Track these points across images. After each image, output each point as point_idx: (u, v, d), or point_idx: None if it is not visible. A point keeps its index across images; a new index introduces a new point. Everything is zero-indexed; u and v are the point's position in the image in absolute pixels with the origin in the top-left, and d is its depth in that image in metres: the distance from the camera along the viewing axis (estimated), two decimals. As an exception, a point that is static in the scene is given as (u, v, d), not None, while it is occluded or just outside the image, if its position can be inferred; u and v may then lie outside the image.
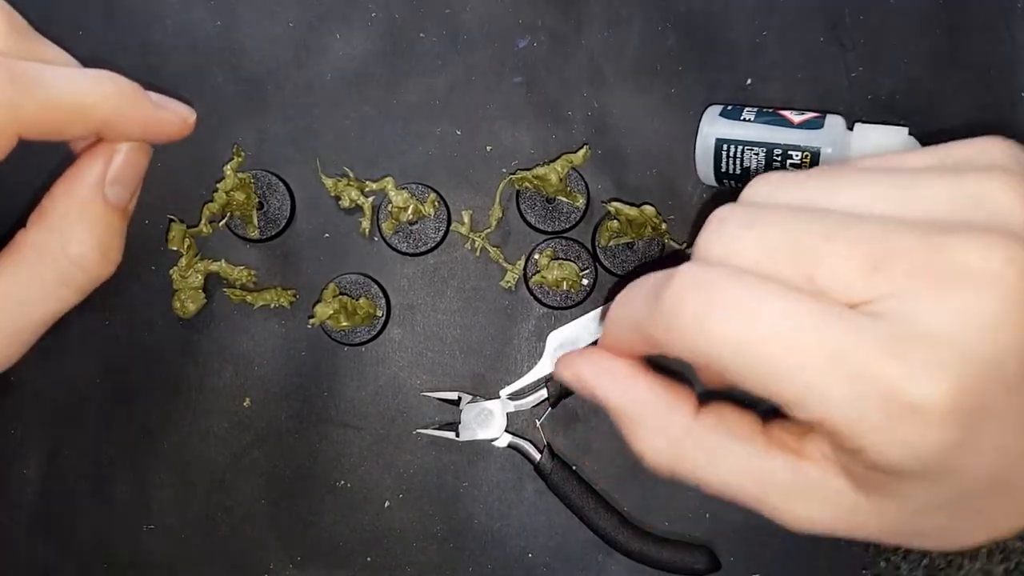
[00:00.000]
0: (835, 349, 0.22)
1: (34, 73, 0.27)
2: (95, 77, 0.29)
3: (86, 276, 0.30)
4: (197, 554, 0.41)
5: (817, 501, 0.25)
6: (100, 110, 0.29)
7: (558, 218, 0.41)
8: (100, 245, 0.30)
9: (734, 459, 0.26)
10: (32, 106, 0.27)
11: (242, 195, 0.40)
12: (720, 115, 0.39)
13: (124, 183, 0.32)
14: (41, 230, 0.30)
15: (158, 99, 0.32)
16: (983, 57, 0.41)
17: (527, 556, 0.41)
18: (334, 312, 0.40)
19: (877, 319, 0.22)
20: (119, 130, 0.30)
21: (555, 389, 0.40)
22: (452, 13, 0.42)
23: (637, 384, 0.28)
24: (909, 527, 0.25)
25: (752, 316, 0.23)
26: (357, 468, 0.41)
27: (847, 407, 0.22)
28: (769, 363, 0.22)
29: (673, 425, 0.27)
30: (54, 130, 0.28)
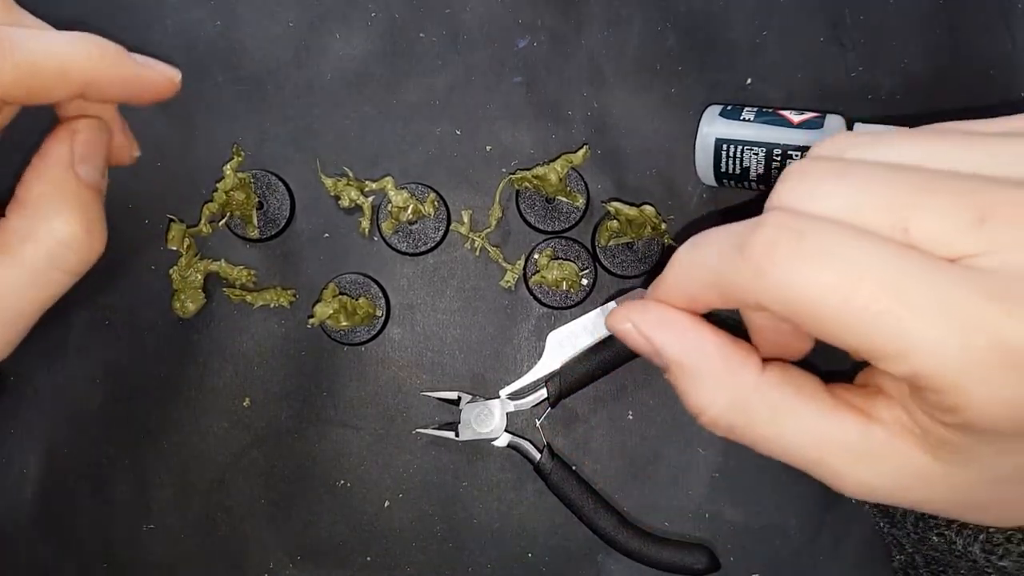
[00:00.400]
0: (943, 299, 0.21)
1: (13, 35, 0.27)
2: (76, 38, 0.29)
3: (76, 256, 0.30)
4: (197, 554, 0.41)
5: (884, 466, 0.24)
6: (81, 70, 0.29)
7: (558, 218, 0.41)
8: (84, 223, 0.30)
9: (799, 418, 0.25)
10: (10, 67, 0.26)
11: (242, 195, 0.40)
12: (720, 115, 0.39)
13: (91, 161, 0.31)
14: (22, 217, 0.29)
15: (141, 59, 0.31)
16: (983, 57, 0.41)
17: (527, 556, 0.41)
18: (334, 312, 0.40)
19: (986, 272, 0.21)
20: (103, 90, 0.30)
21: (555, 389, 0.40)
22: (452, 13, 0.42)
23: (702, 335, 0.27)
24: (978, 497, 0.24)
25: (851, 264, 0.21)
26: (357, 468, 0.41)
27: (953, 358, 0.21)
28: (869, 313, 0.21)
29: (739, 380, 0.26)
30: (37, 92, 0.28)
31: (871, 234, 0.22)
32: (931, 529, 0.28)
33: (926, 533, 0.28)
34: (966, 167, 0.23)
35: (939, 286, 0.21)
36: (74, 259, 0.30)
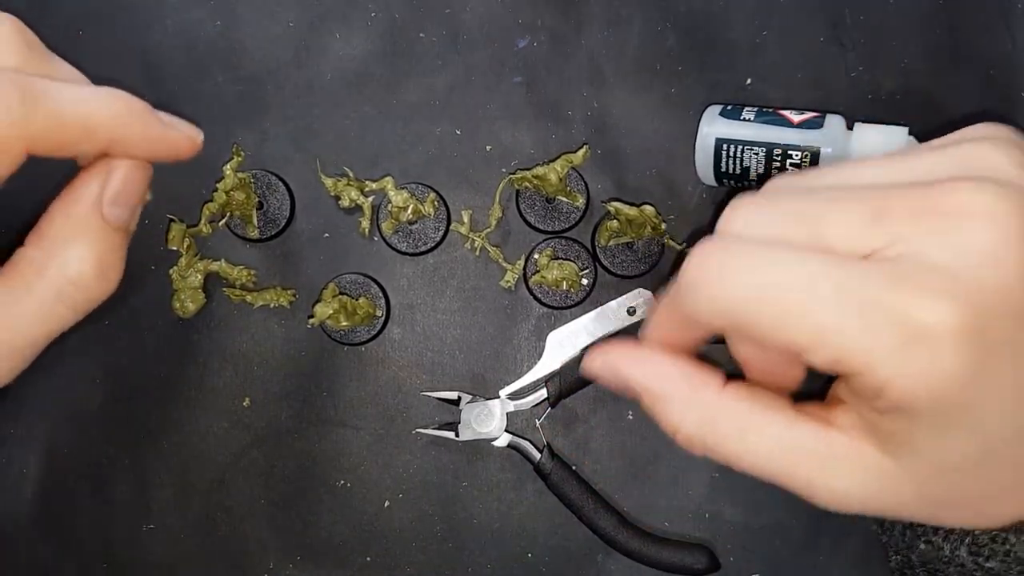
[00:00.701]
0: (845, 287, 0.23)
1: (44, 88, 0.27)
2: (104, 94, 0.29)
3: (83, 296, 0.30)
4: (197, 554, 0.41)
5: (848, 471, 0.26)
6: (108, 127, 0.29)
7: (558, 218, 0.41)
8: (98, 264, 0.30)
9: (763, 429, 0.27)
10: (41, 121, 0.27)
11: (242, 195, 0.40)
12: (720, 115, 0.39)
13: (122, 202, 0.31)
14: (39, 248, 0.30)
15: (167, 118, 0.32)
16: (983, 57, 0.41)
17: (527, 556, 0.41)
18: (334, 312, 0.40)
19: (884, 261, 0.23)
20: (127, 148, 0.30)
21: (555, 389, 0.40)
22: (452, 13, 0.42)
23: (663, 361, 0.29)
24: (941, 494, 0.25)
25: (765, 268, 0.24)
26: (357, 468, 0.41)
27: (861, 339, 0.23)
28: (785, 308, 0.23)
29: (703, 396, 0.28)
30: (62, 146, 0.28)
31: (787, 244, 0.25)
32: (919, 537, 0.29)
33: (914, 541, 0.29)
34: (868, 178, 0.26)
35: (843, 277, 0.23)
36: (81, 298, 0.30)
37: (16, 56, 0.28)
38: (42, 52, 0.30)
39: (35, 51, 0.29)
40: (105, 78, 0.43)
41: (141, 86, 0.35)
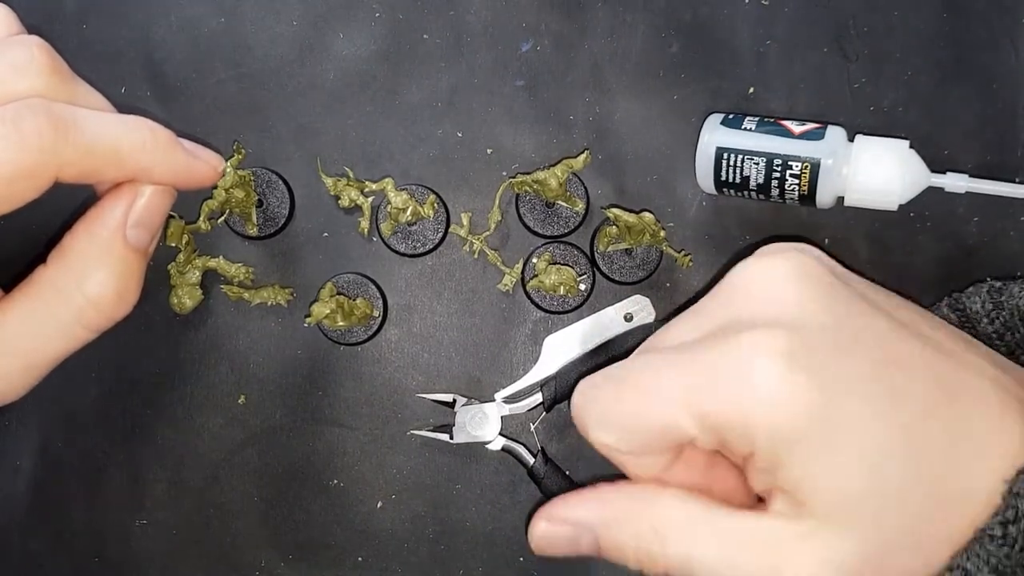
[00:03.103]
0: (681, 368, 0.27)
1: (74, 118, 0.28)
2: (132, 124, 0.30)
3: (101, 316, 0.31)
4: (189, 550, 0.41)
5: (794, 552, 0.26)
6: (135, 157, 0.30)
7: (557, 223, 0.41)
8: (117, 286, 0.30)
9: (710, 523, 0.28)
10: (71, 150, 0.27)
11: (242, 192, 0.40)
12: (721, 123, 0.39)
13: (145, 226, 0.32)
14: (60, 268, 0.30)
15: (190, 146, 0.33)
16: (986, 71, 0.41)
17: (518, 560, 0.41)
18: (331, 312, 0.40)
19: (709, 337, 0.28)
20: (152, 176, 0.31)
21: (550, 393, 0.40)
22: (456, 15, 0.42)
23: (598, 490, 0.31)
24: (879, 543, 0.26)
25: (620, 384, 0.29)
26: (350, 468, 0.41)
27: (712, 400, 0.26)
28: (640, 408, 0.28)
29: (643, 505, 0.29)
30: (89, 174, 0.29)
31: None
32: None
33: None
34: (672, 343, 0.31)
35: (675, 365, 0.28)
36: (99, 319, 0.31)
37: (47, 82, 0.29)
38: (69, 76, 0.30)
39: (65, 78, 0.30)
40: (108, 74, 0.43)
41: (143, 81, 0.35)
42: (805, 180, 0.37)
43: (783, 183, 0.37)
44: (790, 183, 0.37)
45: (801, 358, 0.25)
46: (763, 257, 0.29)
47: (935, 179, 0.38)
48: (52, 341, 0.30)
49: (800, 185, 0.37)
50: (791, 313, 0.26)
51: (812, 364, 0.25)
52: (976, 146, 0.40)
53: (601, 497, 0.30)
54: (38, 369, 0.31)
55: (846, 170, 0.37)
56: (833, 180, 0.37)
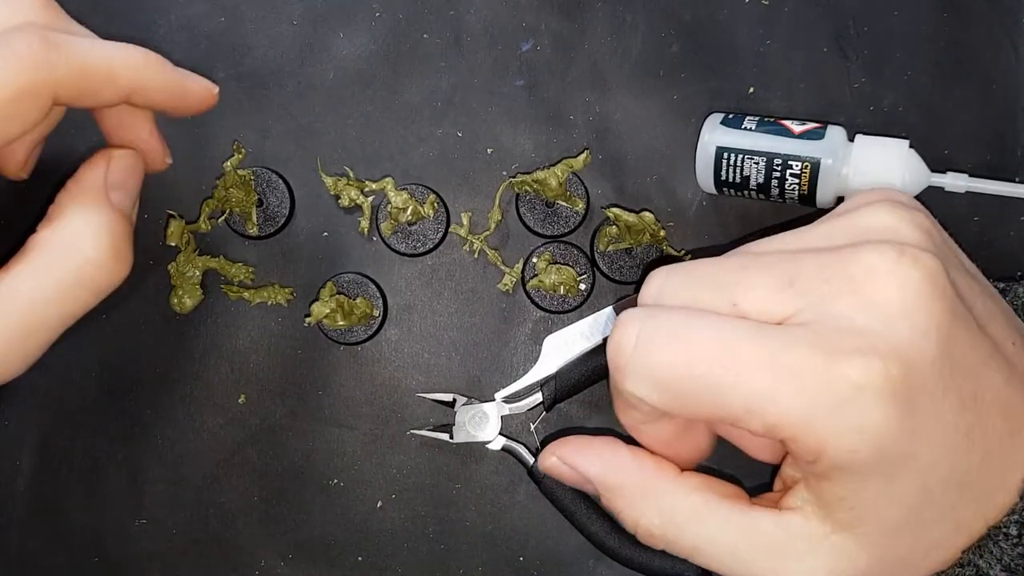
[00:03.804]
0: (771, 355, 0.24)
1: (66, 38, 0.28)
2: (122, 45, 0.31)
3: (102, 276, 0.30)
4: (188, 549, 0.41)
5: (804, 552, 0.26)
6: (128, 73, 0.30)
7: (557, 222, 0.41)
8: (112, 246, 0.30)
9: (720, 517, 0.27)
10: (65, 66, 0.28)
11: (241, 192, 0.40)
12: (721, 123, 0.39)
13: (124, 188, 0.32)
14: (53, 232, 0.30)
15: (183, 72, 0.33)
16: (986, 71, 0.41)
17: (518, 559, 0.41)
18: (331, 311, 0.40)
19: (803, 326, 0.24)
20: (147, 95, 0.31)
21: (550, 393, 0.40)
22: (456, 15, 0.42)
23: (618, 453, 0.30)
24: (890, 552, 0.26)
25: (687, 339, 0.25)
26: (350, 467, 0.41)
27: (795, 405, 0.24)
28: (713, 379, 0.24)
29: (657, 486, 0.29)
30: (86, 92, 0.29)
31: (704, 312, 0.25)
32: None
33: None
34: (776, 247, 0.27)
35: (764, 344, 0.24)
36: (100, 279, 0.31)
37: (36, 13, 0.29)
38: (60, 11, 0.31)
39: (55, 11, 0.30)
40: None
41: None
42: (805, 180, 0.37)
43: (783, 183, 0.37)
44: (790, 183, 0.37)
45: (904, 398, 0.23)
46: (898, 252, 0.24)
47: (935, 179, 0.38)
48: (54, 305, 0.30)
49: (800, 185, 0.37)
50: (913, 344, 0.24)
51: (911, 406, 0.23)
52: (976, 146, 0.40)
53: (615, 462, 0.30)
54: (41, 335, 0.30)
55: (846, 170, 0.37)
56: (833, 180, 0.37)
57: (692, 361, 0.25)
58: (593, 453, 0.30)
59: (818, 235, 0.27)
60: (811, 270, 0.25)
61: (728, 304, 0.25)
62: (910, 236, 0.26)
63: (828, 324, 0.24)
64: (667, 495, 0.28)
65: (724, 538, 0.27)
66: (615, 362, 0.26)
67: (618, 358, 0.26)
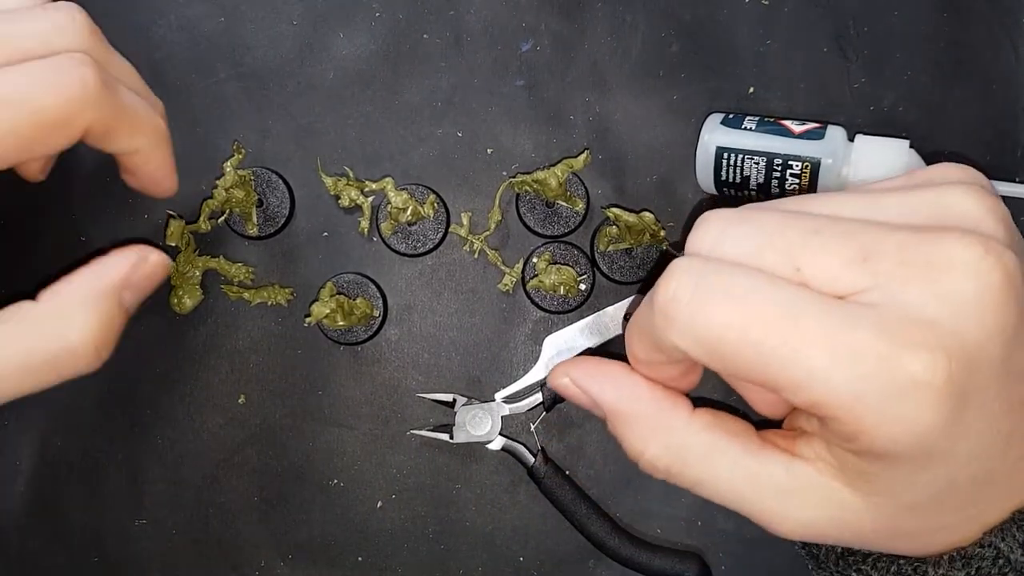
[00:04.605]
0: (832, 333, 0.23)
1: (117, 84, 0.30)
2: (148, 107, 0.33)
3: (74, 366, 0.30)
4: (188, 549, 0.41)
5: (810, 501, 0.26)
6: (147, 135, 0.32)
7: (557, 222, 0.41)
8: (98, 339, 0.30)
9: (729, 457, 0.27)
10: (108, 106, 0.29)
11: (241, 192, 0.40)
12: (721, 123, 0.39)
13: (140, 291, 0.33)
14: (49, 307, 0.30)
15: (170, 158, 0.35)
16: (986, 71, 0.41)
17: (518, 559, 0.41)
18: (331, 311, 0.40)
19: (870, 306, 0.23)
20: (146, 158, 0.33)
21: (550, 393, 0.40)
22: (456, 15, 0.42)
23: (634, 383, 0.28)
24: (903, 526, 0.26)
25: (748, 302, 0.23)
26: (350, 467, 0.41)
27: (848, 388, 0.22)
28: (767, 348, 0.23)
29: (670, 423, 0.27)
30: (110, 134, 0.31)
31: (767, 274, 0.24)
32: (851, 566, 0.29)
33: (847, 571, 0.29)
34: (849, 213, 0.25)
35: (828, 321, 0.23)
36: (70, 368, 0.30)
37: (83, 40, 0.30)
38: (104, 40, 0.32)
39: (99, 38, 0.32)
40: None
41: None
42: (805, 179, 0.37)
43: (783, 183, 0.37)
44: (790, 183, 0.37)
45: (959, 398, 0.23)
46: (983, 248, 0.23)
47: (935, 179, 0.38)
48: (17, 377, 0.29)
49: (800, 184, 0.37)
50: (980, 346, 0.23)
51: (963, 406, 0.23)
52: (976, 146, 0.40)
53: (631, 391, 0.28)
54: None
55: (846, 170, 0.37)
56: (833, 180, 0.37)
57: (749, 327, 0.23)
58: (608, 380, 0.29)
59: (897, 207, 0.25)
60: (889, 249, 0.24)
61: (791, 268, 0.24)
62: (994, 230, 0.24)
63: (897, 310, 0.23)
64: (679, 431, 0.27)
65: (730, 477, 0.27)
66: (665, 311, 0.24)
67: (670, 308, 0.24)
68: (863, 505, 0.25)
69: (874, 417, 0.23)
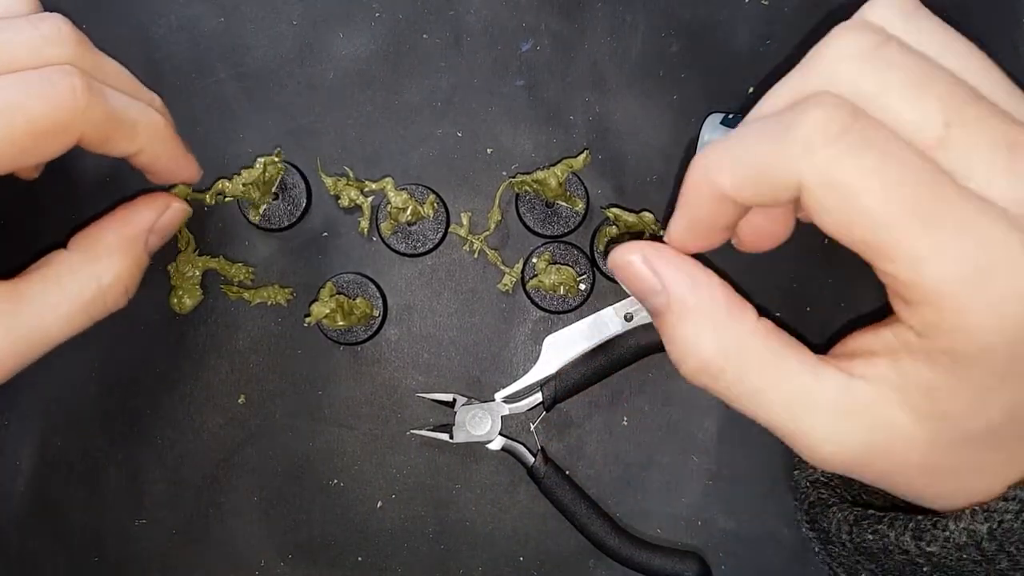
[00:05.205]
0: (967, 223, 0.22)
1: (105, 90, 0.31)
2: (146, 106, 0.33)
3: (104, 306, 0.33)
4: (188, 550, 0.41)
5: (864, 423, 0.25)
6: (147, 133, 0.33)
7: (557, 222, 0.41)
8: (126, 281, 0.33)
9: (788, 369, 0.26)
10: (100, 114, 0.30)
11: (258, 192, 0.40)
12: (721, 123, 0.39)
13: (163, 235, 0.36)
14: (82, 255, 0.33)
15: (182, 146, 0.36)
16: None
17: (518, 559, 0.41)
18: (331, 311, 0.40)
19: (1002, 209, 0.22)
20: (152, 157, 0.34)
21: (550, 393, 0.40)
22: (456, 15, 0.42)
23: (711, 277, 0.27)
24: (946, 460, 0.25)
25: (895, 165, 0.22)
26: (350, 467, 0.41)
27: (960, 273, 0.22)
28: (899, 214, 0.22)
29: (737, 324, 0.26)
30: (106, 140, 0.31)
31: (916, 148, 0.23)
32: (865, 530, 0.28)
33: (861, 536, 0.28)
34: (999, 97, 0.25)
35: (965, 211, 0.22)
36: (102, 309, 0.33)
37: (71, 50, 0.31)
38: (92, 47, 0.33)
39: (86, 46, 0.32)
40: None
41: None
42: (805, 180, 0.37)
43: (783, 183, 0.37)
44: (790, 183, 0.37)
45: None
46: None
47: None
48: (54, 323, 0.32)
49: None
50: None
51: None
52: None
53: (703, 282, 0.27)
54: (30, 353, 0.32)
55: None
56: (833, 180, 0.37)
57: (889, 187, 0.22)
58: (684, 268, 0.27)
59: None
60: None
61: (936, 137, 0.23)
62: None
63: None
64: (745, 334, 0.26)
65: (787, 389, 0.25)
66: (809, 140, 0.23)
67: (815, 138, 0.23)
68: (918, 431, 0.24)
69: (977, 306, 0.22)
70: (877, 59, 0.24)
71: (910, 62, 0.24)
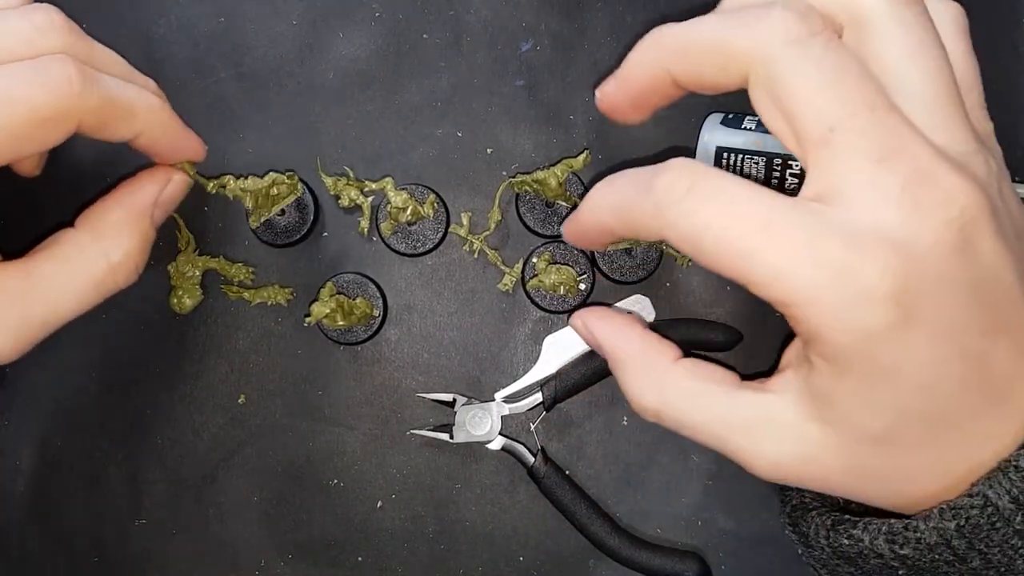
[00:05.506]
0: (804, 240, 0.25)
1: (99, 75, 0.31)
2: (142, 89, 0.33)
3: (114, 283, 0.33)
4: (188, 550, 0.41)
5: (776, 435, 0.27)
6: (145, 115, 0.33)
7: (557, 222, 0.41)
8: (135, 257, 0.34)
9: (707, 400, 0.29)
10: (95, 100, 0.30)
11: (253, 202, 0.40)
12: (721, 123, 0.39)
13: (167, 209, 0.36)
14: (89, 232, 0.33)
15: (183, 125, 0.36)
16: (986, 73, 0.41)
17: (518, 559, 0.41)
18: (331, 311, 0.40)
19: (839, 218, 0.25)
20: (153, 138, 0.34)
21: (550, 393, 0.40)
22: (456, 15, 0.42)
23: (632, 331, 0.33)
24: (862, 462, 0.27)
25: (730, 204, 0.25)
26: (350, 467, 0.41)
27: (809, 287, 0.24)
28: (746, 248, 0.25)
29: (655, 367, 0.31)
30: (106, 126, 0.32)
31: (751, 183, 0.26)
32: (841, 535, 0.29)
33: (838, 540, 0.29)
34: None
35: (800, 228, 0.25)
36: (111, 285, 0.34)
37: (63, 39, 0.31)
38: (84, 35, 0.33)
39: (79, 35, 0.32)
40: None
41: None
42: (805, 180, 0.37)
43: (783, 182, 0.37)
44: (790, 182, 0.37)
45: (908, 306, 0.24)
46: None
47: (935, 179, 0.38)
48: (64, 301, 0.32)
49: (800, 184, 0.37)
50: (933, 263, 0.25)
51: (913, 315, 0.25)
52: (976, 146, 0.40)
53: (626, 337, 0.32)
54: (46, 327, 0.32)
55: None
56: (833, 180, 0.37)
57: (730, 229, 0.25)
58: (611, 326, 0.33)
59: None
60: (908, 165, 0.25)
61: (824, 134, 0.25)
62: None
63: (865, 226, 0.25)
64: (662, 376, 0.30)
65: (707, 418, 0.29)
66: (660, 203, 0.27)
67: (664, 200, 0.26)
68: (827, 438, 0.27)
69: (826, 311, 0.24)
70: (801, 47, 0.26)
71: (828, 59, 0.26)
